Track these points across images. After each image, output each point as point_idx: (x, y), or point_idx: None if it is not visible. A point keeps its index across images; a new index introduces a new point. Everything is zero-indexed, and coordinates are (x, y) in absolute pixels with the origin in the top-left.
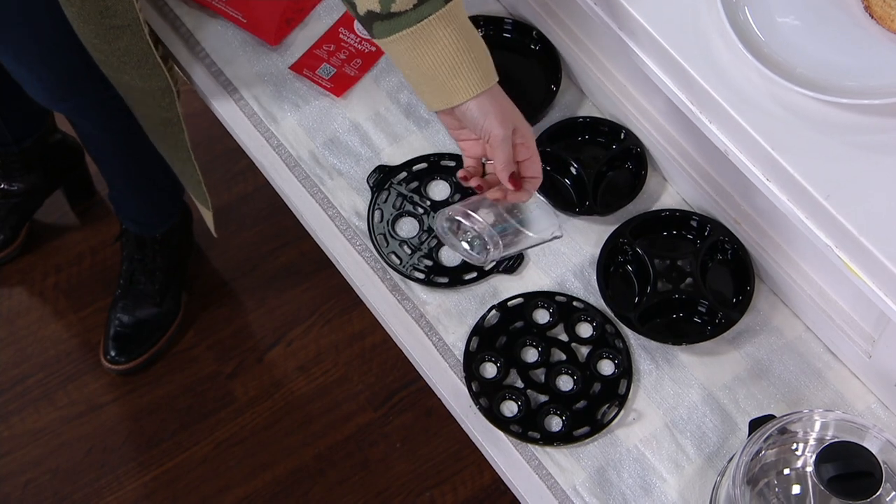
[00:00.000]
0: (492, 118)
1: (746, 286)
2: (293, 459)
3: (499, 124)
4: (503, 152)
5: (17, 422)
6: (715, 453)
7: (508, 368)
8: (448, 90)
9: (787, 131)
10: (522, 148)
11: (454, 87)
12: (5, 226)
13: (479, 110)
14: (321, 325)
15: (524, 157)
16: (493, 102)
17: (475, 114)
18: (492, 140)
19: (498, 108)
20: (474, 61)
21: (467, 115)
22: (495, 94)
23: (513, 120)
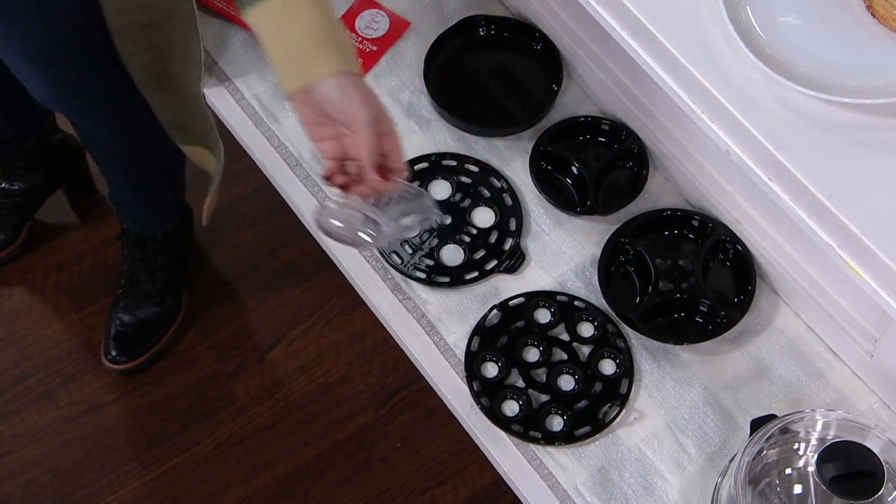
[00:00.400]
0: (356, 100)
1: (748, 286)
2: (294, 459)
3: (363, 107)
4: (368, 138)
5: (17, 421)
6: (716, 453)
7: (510, 368)
8: (310, 65)
9: (789, 130)
10: (387, 138)
11: (316, 63)
12: (6, 225)
13: (341, 91)
14: (322, 325)
15: (389, 148)
16: (355, 85)
17: (337, 94)
18: (355, 125)
19: (362, 92)
20: (338, 42)
21: (329, 97)
22: (358, 81)
23: (376, 107)
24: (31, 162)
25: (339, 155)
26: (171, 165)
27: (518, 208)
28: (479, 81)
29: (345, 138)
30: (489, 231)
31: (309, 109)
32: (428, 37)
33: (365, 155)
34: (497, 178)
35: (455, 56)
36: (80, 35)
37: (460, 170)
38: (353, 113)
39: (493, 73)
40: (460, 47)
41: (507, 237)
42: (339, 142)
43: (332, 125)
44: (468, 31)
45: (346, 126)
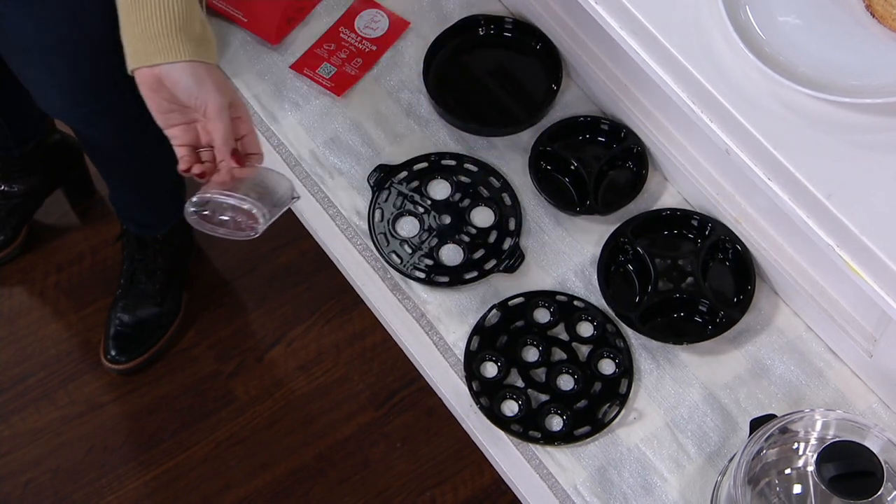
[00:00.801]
0: (209, 86)
1: (747, 285)
2: (294, 459)
3: (216, 92)
4: (222, 123)
5: (17, 421)
6: (716, 453)
7: (509, 368)
8: (163, 49)
9: (789, 130)
10: (241, 123)
11: (169, 48)
12: (6, 226)
13: (193, 77)
14: (321, 325)
15: (243, 133)
16: (209, 73)
17: (189, 82)
18: (209, 110)
19: (214, 79)
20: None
21: (180, 83)
22: (211, 68)
23: (229, 93)
24: (31, 164)
25: (190, 141)
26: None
27: (517, 208)
28: (478, 81)
29: (197, 124)
30: (488, 231)
31: (158, 96)
32: (427, 36)
33: (219, 140)
34: (496, 177)
35: (454, 56)
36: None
37: (459, 169)
38: (206, 98)
39: (492, 73)
40: (460, 47)
41: (507, 237)
42: (190, 127)
43: (184, 112)
44: (467, 31)
45: (199, 112)
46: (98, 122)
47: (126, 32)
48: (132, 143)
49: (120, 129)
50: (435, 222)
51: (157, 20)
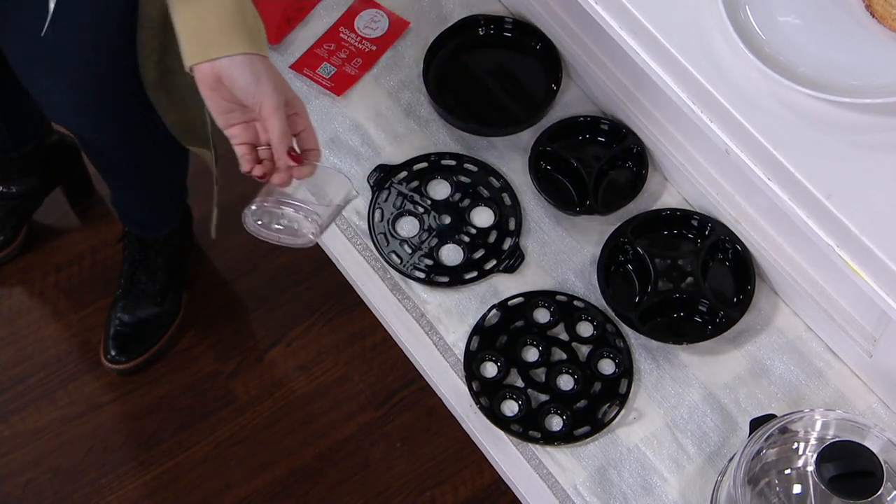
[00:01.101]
0: (265, 82)
1: (747, 285)
2: (294, 459)
3: (272, 90)
4: (278, 121)
5: (17, 421)
6: (716, 453)
7: (509, 368)
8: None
9: (789, 130)
10: (297, 119)
11: (225, 41)
12: (5, 226)
13: (251, 73)
14: (321, 325)
15: (300, 129)
16: (265, 68)
17: (247, 78)
18: (265, 109)
19: (270, 74)
20: (249, 26)
21: (239, 80)
22: (267, 63)
23: (285, 90)
24: (29, 165)
25: (249, 140)
26: (174, 170)
27: (517, 208)
28: (478, 81)
29: (256, 123)
30: (488, 231)
31: (218, 95)
32: (427, 36)
33: (275, 138)
34: (496, 177)
35: (454, 56)
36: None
37: (459, 169)
38: (262, 97)
39: (492, 73)
40: (459, 47)
41: (507, 237)
42: (250, 126)
43: (243, 111)
44: (467, 31)
45: (255, 110)
46: (106, 128)
47: (181, 30)
48: (135, 147)
49: (125, 133)
50: (435, 222)
51: (213, 14)
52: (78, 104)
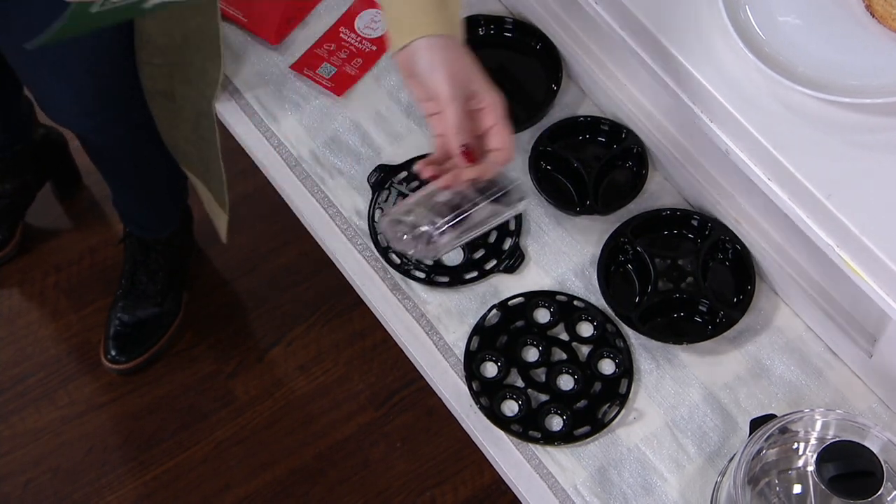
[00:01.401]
0: (440, 72)
1: (747, 285)
2: (294, 459)
3: (445, 80)
4: (452, 114)
5: (17, 421)
6: (716, 453)
7: (509, 368)
8: (408, 27)
9: (789, 130)
10: (484, 114)
11: (412, 25)
12: (1, 226)
13: (428, 58)
14: (321, 325)
15: (488, 125)
16: (446, 54)
17: (424, 63)
18: (440, 99)
19: (451, 62)
20: (443, 7)
21: (416, 66)
22: (452, 47)
23: (468, 81)
24: (20, 163)
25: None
26: (175, 172)
27: None
28: None
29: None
30: (488, 231)
31: (413, 82)
32: None
33: (449, 134)
34: None
35: None
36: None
37: None
38: (435, 84)
39: (492, 73)
40: None
41: (507, 237)
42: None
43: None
44: (468, 31)
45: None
46: (108, 129)
47: (387, 20)
48: (136, 148)
49: (127, 135)
50: None
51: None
52: (79, 105)
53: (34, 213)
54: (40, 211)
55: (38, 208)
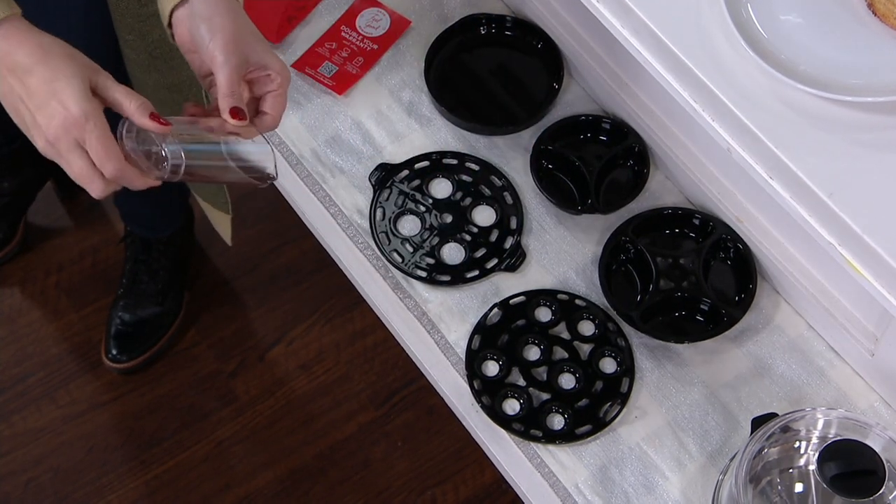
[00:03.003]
0: (218, 38)
1: (749, 284)
2: (294, 458)
3: (222, 47)
4: (226, 78)
5: (18, 420)
6: (717, 451)
7: (510, 367)
8: None
9: (791, 129)
10: (268, 80)
11: None
12: (2, 224)
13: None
14: (322, 324)
15: (267, 90)
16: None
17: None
18: (215, 64)
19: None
20: None
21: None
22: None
23: (249, 49)
24: (20, 160)
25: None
26: None
27: (519, 207)
28: (479, 80)
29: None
30: (490, 230)
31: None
32: (428, 35)
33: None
34: (498, 176)
35: (456, 55)
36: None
37: (461, 168)
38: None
39: (493, 72)
40: (461, 46)
41: (508, 236)
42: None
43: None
44: (469, 30)
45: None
46: None
47: None
48: None
49: None
50: (436, 221)
51: None
52: None
53: (35, 212)
54: (42, 210)
55: (39, 207)
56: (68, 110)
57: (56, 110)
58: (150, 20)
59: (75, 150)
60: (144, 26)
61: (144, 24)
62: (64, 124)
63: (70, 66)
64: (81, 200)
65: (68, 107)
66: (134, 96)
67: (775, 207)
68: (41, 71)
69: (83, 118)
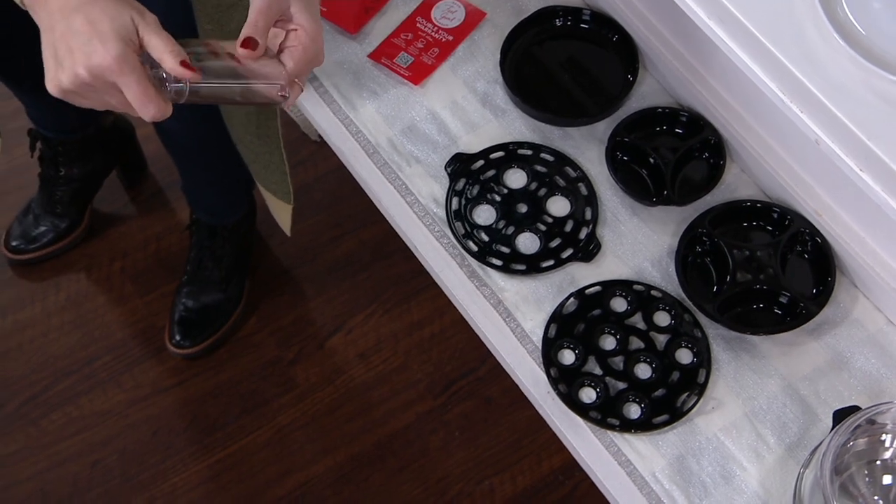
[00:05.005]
0: None
1: (827, 278)
2: (354, 446)
3: None
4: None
5: (85, 402)
6: (796, 443)
7: (587, 355)
8: None
9: (884, 121)
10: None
11: None
12: (70, 210)
13: None
14: (380, 314)
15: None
16: None
17: None
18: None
19: None
20: None
21: None
22: None
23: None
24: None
25: None
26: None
27: (593, 197)
28: (554, 71)
29: None
30: (564, 220)
31: None
32: (503, 27)
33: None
34: (572, 167)
35: (531, 46)
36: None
37: (536, 159)
38: None
39: (568, 64)
40: (536, 38)
41: (583, 226)
42: None
43: None
44: (545, 22)
45: None
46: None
47: None
48: (208, 135)
49: (198, 120)
50: (511, 211)
51: None
52: None
53: (102, 200)
54: (108, 197)
55: (105, 195)
56: (108, 52)
57: (95, 49)
58: (229, 10)
59: (110, 89)
60: (223, 16)
61: (224, 15)
62: (102, 64)
63: (115, 6)
64: (145, 189)
65: (109, 48)
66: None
67: (858, 201)
68: (88, 10)
69: (122, 60)
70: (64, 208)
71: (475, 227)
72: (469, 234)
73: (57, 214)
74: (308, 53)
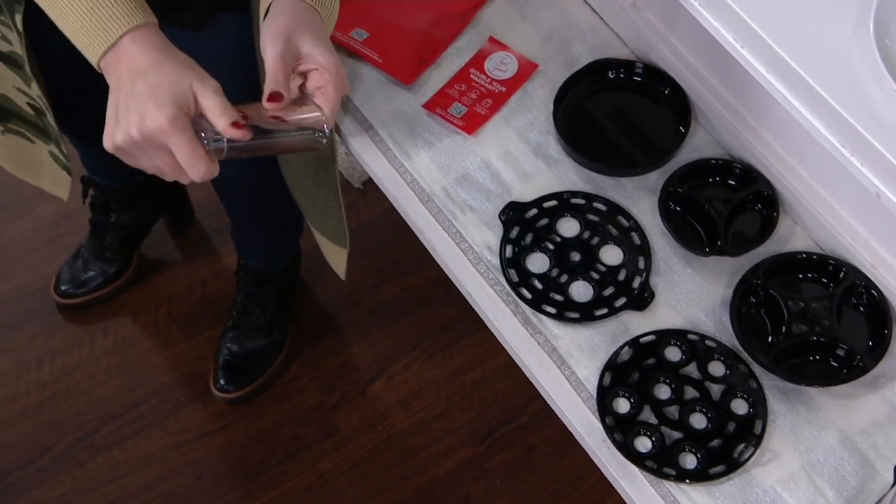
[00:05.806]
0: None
1: (884, 330)
2: (395, 492)
3: (270, 36)
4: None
5: (131, 446)
6: (854, 497)
7: (641, 405)
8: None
9: None
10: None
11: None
12: (119, 256)
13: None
14: (422, 361)
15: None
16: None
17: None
18: (264, 53)
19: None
20: None
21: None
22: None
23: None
24: (136, 195)
25: None
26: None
27: (646, 247)
28: (606, 122)
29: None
30: (618, 269)
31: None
32: (555, 79)
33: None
34: (625, 217)
35: (583, 97)
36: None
37: (588, 208)
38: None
39: (620, 115)
40: (589, 89)
41: (636, 275)
42: None
43: None
44: (597, 74)
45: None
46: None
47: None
48: (260, 181)
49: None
50: (565, 259)
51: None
52: None
53: (149, 245)
54: (155, 243)
55: (151, 241)
56: (161, 114)
57: (149, 111)
58: None
59: (160, 151)
60: None
61: None
62: (153, 126)
63: (177, 71)
64: (191, 235)
65: (163, 111)
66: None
67: None
68: (151, 75)
69: (173, 121)
70: (113, 254)
71: (529, 274)
72: (523, 282)
73: (106, 259)
74: (337, 90)
